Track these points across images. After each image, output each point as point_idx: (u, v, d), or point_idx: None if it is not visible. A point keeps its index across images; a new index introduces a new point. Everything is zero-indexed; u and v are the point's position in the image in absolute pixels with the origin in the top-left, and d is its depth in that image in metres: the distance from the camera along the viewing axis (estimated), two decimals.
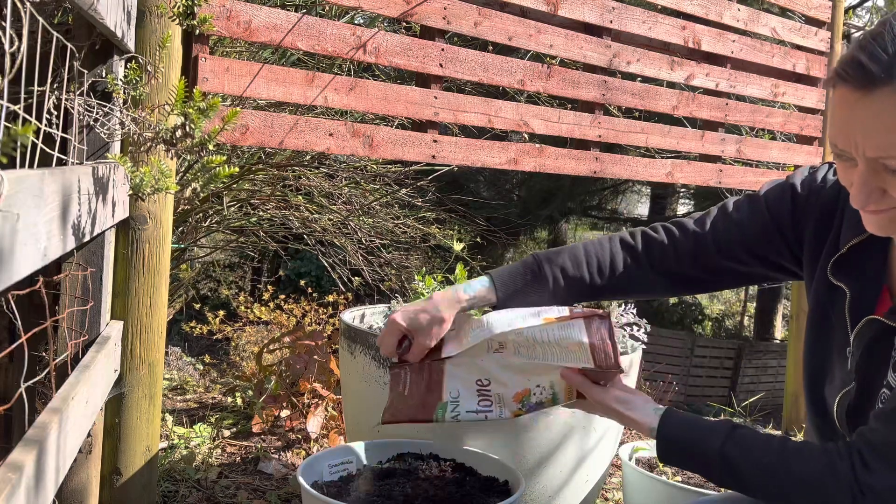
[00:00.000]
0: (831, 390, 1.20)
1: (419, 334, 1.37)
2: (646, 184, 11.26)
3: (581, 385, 1.32)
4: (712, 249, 1.36)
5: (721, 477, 1.18)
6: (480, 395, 1.39)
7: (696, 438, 1.20)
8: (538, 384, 1.36)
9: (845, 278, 1.19)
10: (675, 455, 1.22)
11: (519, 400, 1.37)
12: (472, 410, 1.39)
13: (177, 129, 1.40)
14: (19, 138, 0.69)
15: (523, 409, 1.38)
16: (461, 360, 1.38)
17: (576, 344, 1.30)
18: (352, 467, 1.63)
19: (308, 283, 5.24)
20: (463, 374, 1.39)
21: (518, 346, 1.34)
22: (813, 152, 3.33)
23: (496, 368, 1.37)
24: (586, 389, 1.31)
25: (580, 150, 2.55)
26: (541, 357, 1.33)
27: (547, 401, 1.37)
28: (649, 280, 1.41)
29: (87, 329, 1.47)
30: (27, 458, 0.84)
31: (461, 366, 1.39)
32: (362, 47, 2.03)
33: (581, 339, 1.30)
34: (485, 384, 1.38)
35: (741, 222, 1.35)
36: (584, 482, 1.89)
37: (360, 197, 4.52)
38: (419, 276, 2.11)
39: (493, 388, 1.38)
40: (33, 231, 0.80)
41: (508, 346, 1.35)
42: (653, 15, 2.72)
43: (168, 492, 2.21)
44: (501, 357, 1.36)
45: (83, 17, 1.33)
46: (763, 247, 1.33)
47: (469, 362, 1.38)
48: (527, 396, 1.37)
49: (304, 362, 2.75)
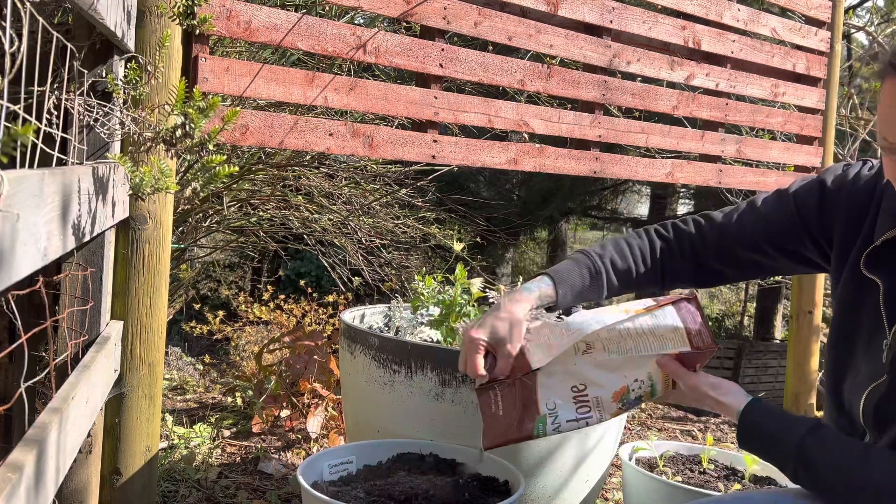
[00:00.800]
0: (856, 385, 1.20)
1: (502, 344, 1.33)
2: (646, 184, 11.26)
3: (676, 372, 1.31)
4: (737, 241, 1.40)
5: (795, 470, 1.17)
6: (577, 401, 1.36)
7: (778, 427, 1.20)
8: (636, 378, 1.34)
9: (879, 272, 1.19)
10: (754, 440, 1.22)
11: (618, 399, 1.35)
12: (573, 419, 1.36)
13: (177, 129, 1.40)
14: (19, 138, 0.69)
15: (623, 407, 1.36)
16: (552, 368, 1.35)
17: (670, 330, 1.30)
18: (352, 467, 1.63)
19: (308, 283, 5.24)
20: (556, 384, 1.36)
21: (608, 342, 1.32)
22: (813, 152, 3.33)
23: (590, 370, 1.34)
24: (681, 376, 1.31)
25: (580, 150, 2.55)
26: (634, 350, 1.31)
27: (645, 394, 1.35)
28: (680, 268, 1.45)
29: (87, 329, 1.47)
30: (27, 458, 0.84)
31: (553, 375, 1.35)
32: (362, 47, 2.03)
33: (676, 324, 1.31)
34: (581, 390, 1.35)
35: (767, 216, 1.38)
36: (583, 482, 1.89)
37: (360, 197, 4.52)
38: (419, 276, 2.11)
39: (589, 392, 1.35)
40: (33, 231, 0.80)
41: (597, 346, 1.33)
42: (653, 15, 2.72)
43: (168, 492, 2.21)
44: (592, 357, 1.33)
45: (83, 17, 1.33)
46: (788, 240, 1.35)
47: (561, 370, 1.35)
48: (625, 394, 1.35)
49: (304, 362, 2.75)
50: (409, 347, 1.79)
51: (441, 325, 2.01)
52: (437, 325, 2.01)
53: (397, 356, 1.79)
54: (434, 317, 2.04)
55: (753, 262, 1.40)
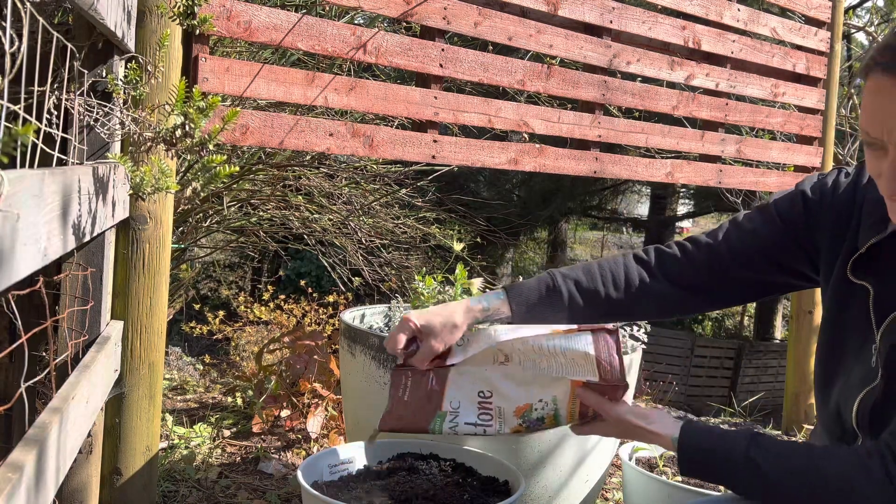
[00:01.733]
0: (847, 390, 1.20)
1: (430, 337, 1.35)
2: (646, 184, 11.26)
3: (598, 403, 1.29)
4: (727, 259, 1.36)
5: (748, 483, 1.16)
6: (481, 407, 1.36)
7: (720, 445, 1.18)
8: (540, 398, 1.33)
9: (867, 277, 1.19)
10: (698, 464, 1.20)
11: (520, 414, 1.35)
12: (471, 423, 1.36)
13: (177, 129, 1.40)
14: (19, 138, 0.69)
15: (523, 424, 1.35)
16: (466, 368, 1.36)
17: (581, 355, 1.29)
18: (352, 467, 1.63)
19: (308, 283, 5.24)
20: (466, 384, 1.36)
21: (523, 356, 1.32)
22: (813, 152, 3.33)
23: (500, 380, 1.35)
24: (604, 407, 1.29)
25: (580, 150, 2.55)
26: (546, 369, 1.31)
27: (548, 417, 1.34)
28: (666, 293, 1.40)
29: (87, 329, 1.47)
30: (27, 458, 0.84)
31: (465, 374, 1.36)
32: (362, 47, 2.03)
33: (587, 350, 1.29)
34: (486, 396, 1.36)
35: (755, 230, 1.35)
36: (583, 482, 1.89)
37: (360, 197, 4.52)
38: (419, 276, 2.11)
39: (494, 400, 1.36)
40: (33, 231, 0.80)
41: (514, 358, 1.33)
42: (653, 15, 2.72)
43: (168, 492, 2.21)
44: (506, 368, 1.34)
45: (83, 17, 1.33)
46: (779, 253, 1.33)
47: (474, 371, 1.36)
48: (528, 411, 1.35)
49: (304, 362, 2.75)
50: None
51: None
52: None
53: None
54: None
55: (747, 279, 1.36)
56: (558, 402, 1.33)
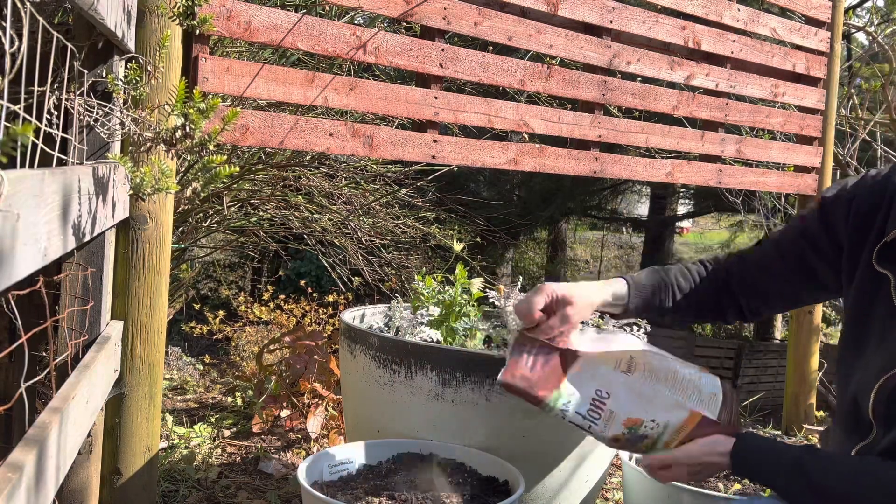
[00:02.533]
0: (865, 380, 1.22)
1: (567, 307, 1.35)
2: (646, 184, 11.26)
3: (710, 436, 1.31)
4: (770, 263, 1.43)
5: (797, 485, 1.18)
6: (594, 404, 1.36)
7: (772, 447, 1.22)
8: (654, 419, 1.34)
9: (890, 265, 1.22)
10: (749, 464, 1.23)
11: (629, 426, 1.35)
12: (580, 415, 1.36)
13: (177, 130, 1.39)
14: (19, 138, 0.69)
15: (626, 435, 1.36)
16: (592, 361, 1.36)
17: (709, 394, 1.33)
18: (352, 467, 1.63)
19: (308, 283, 5.23)
20: (587, 378, 1.36)
21: (651, 373, 1.34)
22: (813, 152, 3.33)
23: (620, 385, 1.35)
24: (711, 441, 1.31)
25: (580, 150, 2.55)
26: (668, 391, 1.33)
27: (650, 439, 1.35)
28: (719, 302, 1.48)
29: (87, 329, 1.47)
30: (27, 458, 0.84)
31: (589, 368, 1.36)
32: (362, 47, 2.03)
33: (716, 391, 1.34)
34: (603, 396, 1.36)
35: (779, 243, 1.43)
36: (583, 482, 1.89)
37: (360, 197, 4.52)
38: (419, 276, 2.11)
39: (609, 403, 1.35)
40: (33, 231, 0.80)
41: (638, 369, 1.35)
42: (653, 15, 2.72)
43: (168, 492, 2.21)
44: (630, 378, 1.35)
45: (83, 17, 1.33)
46: (808, 260, 1.38)
47: (598, 368, 1.36)
48: (637, 426, 1.35)
49: (304, 362, 2.75)
50: (409, 347, 1.79)
51: (441, 325, 2.01)
52: (437, 325, 2.01)
53: (397, 356, 1.79)
54: (434, 317, 2.05)
55: (777, 291, 1.44)
56: (668, 427, 1.34)
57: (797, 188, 3.32)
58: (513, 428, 1.74)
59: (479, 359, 1.74)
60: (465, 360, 1.73)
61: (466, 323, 2.02)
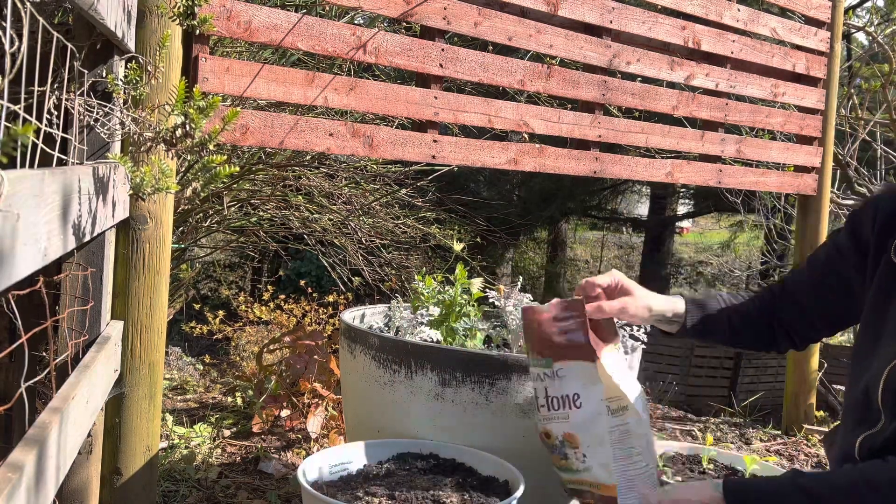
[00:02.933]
0: (878, 369, 1.24)
1: (626, 296, 1.42)
2: (646, 184, 11.26)
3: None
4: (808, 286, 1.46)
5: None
6: (563, 398, 1.41)
7: (764, 481, 1.24)
8: (587, 455, 1.39)
9: None
10: (745, 494, 1.23)
11: (566, 439, 1.41)
12: (546, 393, 1.43)
13: (177, 129, 1.39)
14: (19, 138, 0.69)
15: (557, 442, 1.43)
16: (595, 374, 1.38)
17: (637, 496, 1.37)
18: (352, 467, 1.63)
19: (308, 283, 5.23)
20: (581, 376, 1.39)
21: (627, 432, 1.38)
22: (813, 152, 3.33)
23: (592, 413, 1.39)
24: None
25: (580, 150, 2.55)
26: (618, 453, 1.37)
27: (568, 463, 1.42)
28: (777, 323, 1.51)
29: (87, 329, 1.47)
30: (28, 458, 0.84)
31: (589, 374, 1.39)
32: (362, 47, 2.03)
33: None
34: (575, 402, 1.40)
35: (813, 262, 1.47)
36: None
37: (360, 197, 4.52)
38: (419, 276, 2.11)
39: (573, 412, 1.40)
40: (33, 231, 0.80)
41: (618, 417, 1.38)
42: (653, 15, 2.72)
43: (168, 491, 2.21)
44: (604, 413, 1.38)
45: (83, 17, 1.33)
46: (841, 272, 1.41)
47: (595, 384, 1.38)
48: (571, 445, 1.41)
49: (304, 362, 2.75)
50: (409, 347, 1.79)
51: (441, 325, 2.01)
52: (437, 325, 2.01)
53: (397, 356, 1.79)
54: (434, 317, 2.04)
55: (831, 310, 1.46)
56: (588, 472, 1.40)
57: (797, 188, 3.32)
58: (513, 428, 1.74)
59: (479, 359, 1.74)
60: (465, 360, 1.73)
61: (466, 323, 2.02)
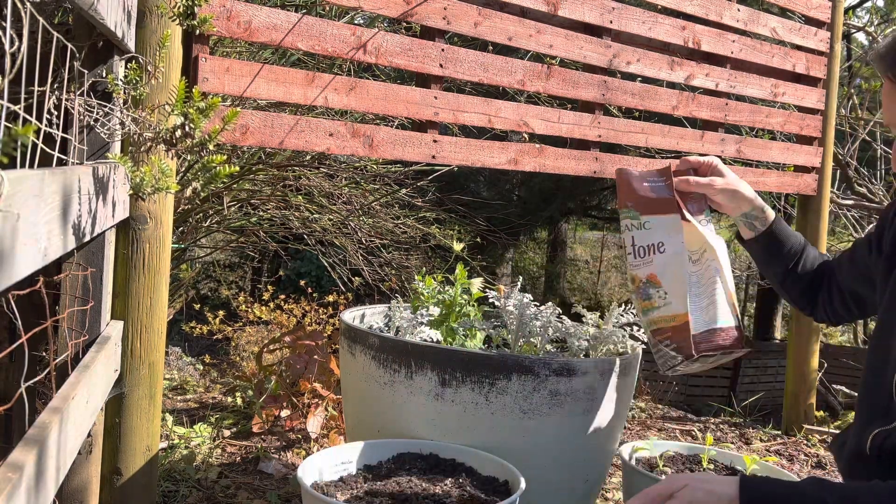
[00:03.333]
0: (891, 361, 1.27)
1: (718, 176, 1.59)
2: None
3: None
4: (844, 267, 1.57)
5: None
6: (650, 246, 1.59)
7: (781, 482, 1.18)
8: (668, 293, 1.59)
9: None
10: (762, 491, 1.17)
11: (650, 280, 1.59)
12: (636, 242, 1.62)
13: (177, 129, 1.39)
14: (19, 138, 0.69)
15: (642, 285, 1.61)
16: (679, 225, 1.58)
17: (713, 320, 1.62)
18: (352, 467, 1.63)
19: (308, 283, 5.23)
20: (667, 228, 1.58)
21: (706, 272, 1.58)
22: (813, 152, 3.33)
23: (675, 257, 1.57)
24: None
25: (580, 150, 2.55)
26: (694, 289, 1.57)
27: (651, 302, 1.60)
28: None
29: (87, 329, 1.47)
30: (28, 458, 0.84)
31: (675, 227, 1.58)
32: (362, 47, 2.03)
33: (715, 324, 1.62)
34: (660, 249, 1.59)
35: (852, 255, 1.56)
36: (583, 482, 1.89)
37: (360, 197, 4.52)
38: (419, 276, 2.12)
39: (657, 256, 1.59)
40: (33, 231, 0.80)
41: (699, 261, 1.58)
42: (653, 15, 2.72)
43: (168, 491, 2.21)
44: (686, 259, 1.57)
45: (83, 17, 1.33)
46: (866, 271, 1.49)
47: (679, 233, 1.58)
48: (654, 285, 1.60)
49: (304, 362, 2.75)
50: (409, 347, 1.79)
51: (441, 325, 2.01)
52: (437, 325, 2.01)
53: (397, 356, 1.79)
54: (434, 317, 2.04)
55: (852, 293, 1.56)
56: (666, 308, 1.59)
57: (797, 188, 3.32)
58: (513, 428, 1.74)
59: (479, 359, 1.74)
60: (465, 360, 1.73)
61: (466, 323, 2.02)
